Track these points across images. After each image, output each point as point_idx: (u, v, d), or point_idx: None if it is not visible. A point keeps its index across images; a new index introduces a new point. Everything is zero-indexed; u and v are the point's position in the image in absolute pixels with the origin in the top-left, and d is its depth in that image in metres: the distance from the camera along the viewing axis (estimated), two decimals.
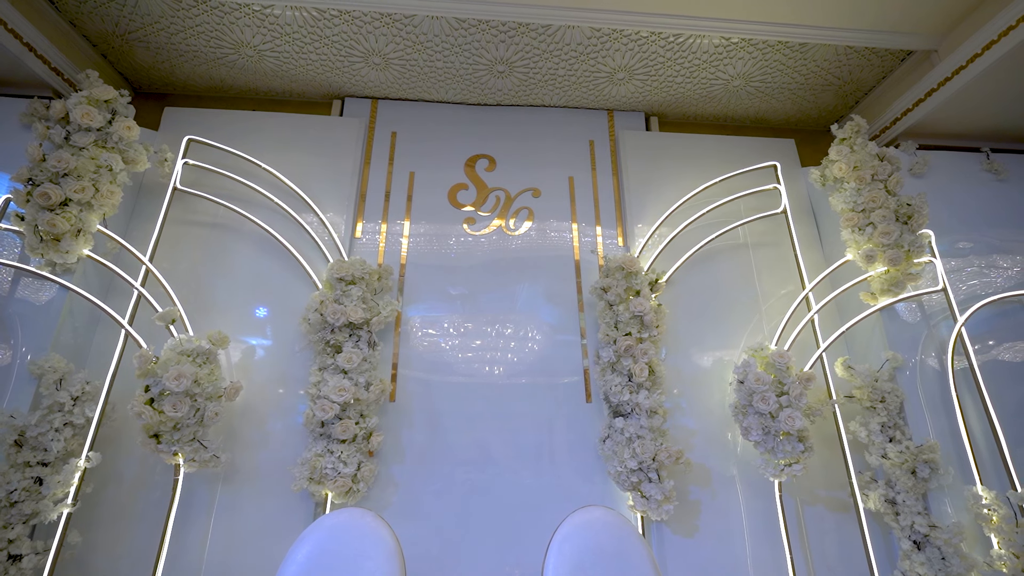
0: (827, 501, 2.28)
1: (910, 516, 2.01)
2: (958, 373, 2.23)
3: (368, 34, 2.53)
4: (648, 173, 2.89)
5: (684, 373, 2.50)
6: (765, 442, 2.09)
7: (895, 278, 2.27)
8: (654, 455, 2.09)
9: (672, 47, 2.60)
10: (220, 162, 2.57)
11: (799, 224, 2.79)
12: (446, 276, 2.63)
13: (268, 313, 2.43)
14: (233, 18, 2.45)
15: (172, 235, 2.47)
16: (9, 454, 1.81)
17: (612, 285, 2.41)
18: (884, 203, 2.32)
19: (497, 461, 2.29)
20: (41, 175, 2.07)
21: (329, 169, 2.74)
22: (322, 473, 2.02)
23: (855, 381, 2.27)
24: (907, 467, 2.04)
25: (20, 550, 1.75)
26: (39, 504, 1.80)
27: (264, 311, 2.43)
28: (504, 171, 2.89)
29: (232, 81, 2.89)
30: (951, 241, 2.54)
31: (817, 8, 2.38)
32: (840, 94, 2.96)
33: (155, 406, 1.88)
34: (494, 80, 2.83)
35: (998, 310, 2.38)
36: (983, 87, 2.45)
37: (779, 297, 2.67)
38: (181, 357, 1.96)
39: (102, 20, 2.48)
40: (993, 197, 2.65)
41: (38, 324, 2.07)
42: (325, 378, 2.16)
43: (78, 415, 1.94)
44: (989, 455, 2.11)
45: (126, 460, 2.10)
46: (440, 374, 2.44)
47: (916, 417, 2.20)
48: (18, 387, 1.98)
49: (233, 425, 2.20)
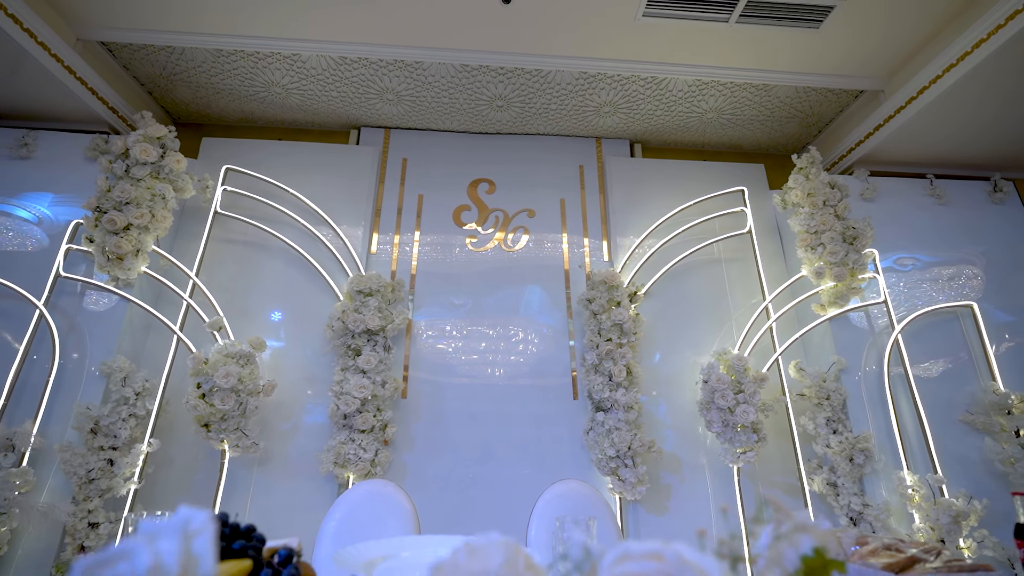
0: (782, 485, 2.62)
1: (847, 496, 2.36)
2: (896, 374, 2.57)
3: (383, 76, 2.89)
4: (632, 195, 3.24)
5: (662, 374, 2.84)
6: (724, 433, 2.43)
7: (840, 292, 2.62)
8: (629, 444, 2.44)
9: (650, 86, 2.95)
10: (252, 186, 2.92)
11: (766, 241, 3.13)
12: (451, 288, 2.98)
13: (295, 320, 2.78)
14: (266, 63, 2.81)
15: (211, 252, 2.83)
16: (87, 440, 2.17)
17: (596, 297, 2.76)
18: (832, 226, 2.67)
19: (494, 450, 2.64)
20: (107, 203, 2.43)
21: (347, 192, 3.10)
22: (345, 458, 2.37)
23: (805, 381, 2.61)
24: (846, 455, 2.38)
25: (97, 519, 2.11)
26: (112, 481, 2.15)
27: (291, 318, 2.79)
28: (503, 193, 3.25)
29: (261, 113, 3.25)
30: (896, 258, 2.88)
31: (777, 54, 2.72)
32: (804, 124, 3.30)
33: (207, 400, 2.24)
34: (494, 113, 3.19)
35: (933, 319, 2.72)
36: (922, 123, 2.80)
37: (747, 307, 3.01)
38: (227, 359, 2.32)
39: (152, 64, 2.84)
40: (935, 219, 2.99)
41: (103, 331, 2.43)
42: (347, 377, 2.51)
43: (140, 407, 2.30)
44: (918, 445, 2.45)
45: (178, 447, 2.46)
46: (445, 375, 2.79)
47: (857, 412, 2.55)
48: (88, 384, 2.34)
49: (267, 417, 2.55)
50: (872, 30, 2.53)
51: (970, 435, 2.50)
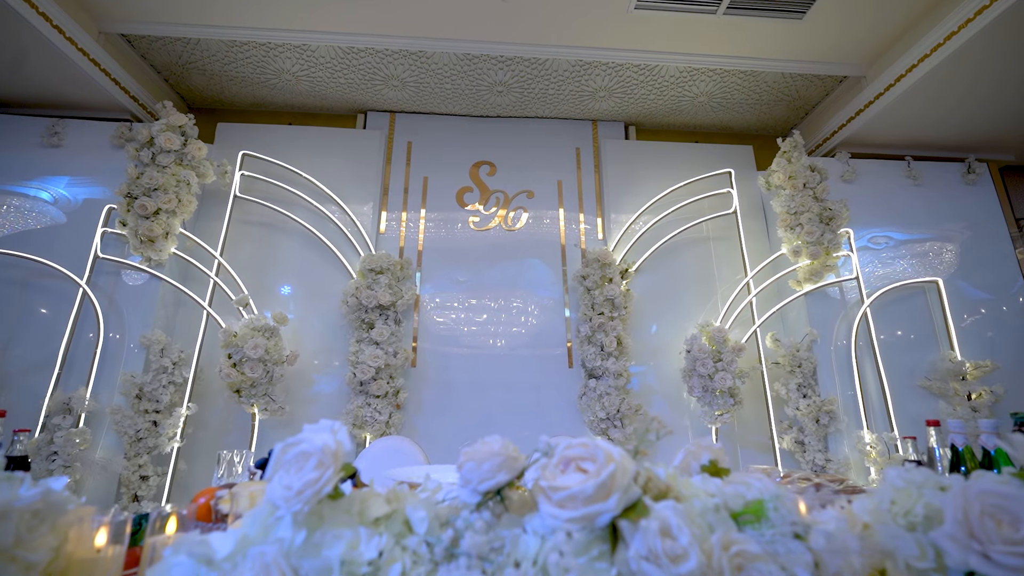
0: (756, 444, 2.90)
1: (812, 453, 2.63)
2: (864, 344, 2.81)
3: (388, 64, 3.03)
4: (626, 176, 3.42)
5: (651, 344, 3.08)
6: (704, 398, 2.69)
7: (815, 269, 2.83)
8: (618, 408, 2.70)
9: (644, 72, 3.09)
10: (267, 170, 3.11)
11: (753, 220, 3.33)
12: (455, 265, 3.19)
13: (309, 295, 3.01)
14: (276, 52, 2.95)
15: (231, 233, 3.03)
16: (134, 404, 2.43)
17: (590, 274, 2.98)
18: (811, 207, 2.86)
19: (496, 413, 2.91)
20: (136, 189, 2.63)
21: (356, 174, 3.28)
22: (363, 420, 2.64)
23: (780, 351, 2.86)
24: (812, 416, 2.65)
25: (147, 472, 2.39)
26: (157, 440, 2.43)
27: (306, 293, 3.01)
28: (503, 175, 3.42)
29: (272, 99, 3.40)
30: (872, 236, 3.08)
31: (764, 43, 2.85)
32: (791, 107, 3.44)
33: (238, 369, 2.49)
34: (494, 97, 3.33)
35: (902, 294, 2.94)
36: (901, 107, 2.95)
37: (732, 282, 3.22)
38: (254, 332, 2.56)
39: (168, 54, 2.99)
40: (911, 199, 3.18)
41: (140, 307, 2.67)
42: (362, 348, 2.76)
43: (177, 375, 2.55)
44: (880, 408, 2.71)
45: (211, 410, 2.73)
46: (451, 346, 3.04)
47: (826, 379, 2.80)
48: (129, 355, 2.59)
49: (290, 384, 2.81)
50: (853, 20, 2.66)
51: (927, 399, 2.76)
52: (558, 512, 0.47)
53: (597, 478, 0.47)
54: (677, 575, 0.43)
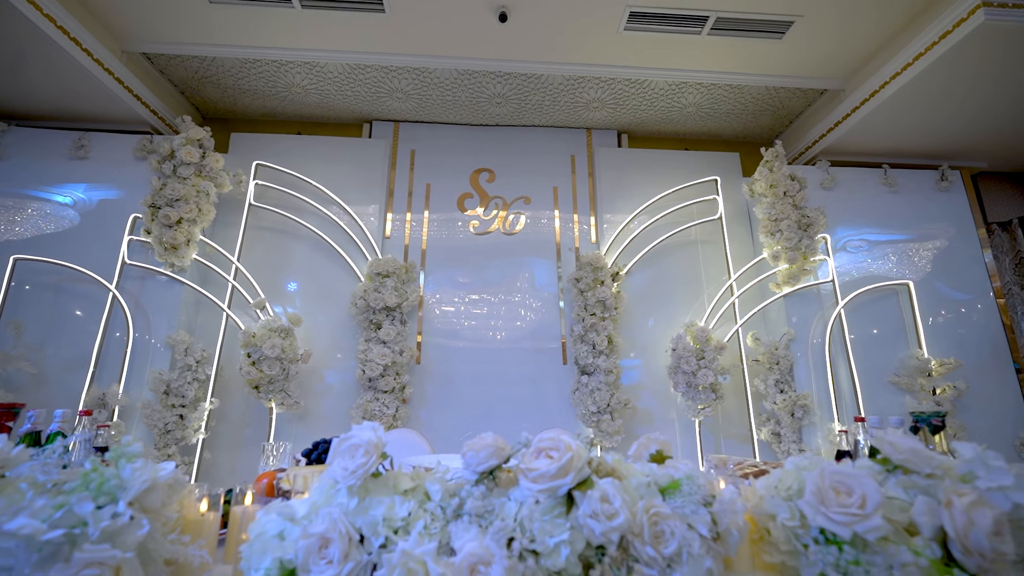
0: (737, 435, 3.11)
1: (787, 444, 2.85)
2: (838, 343, 3.01)
3: (393, 78, 3.21)
4: (618, 182, 3.60)
5: (640, 342, 3.29)
6: (688, 393, 2.90)
7: (793, 273, 3.03)
8: (608, 402, 2.91)
9: (635, 85, 3.27)
10: (278, 178, 3.30)
11: (738, 225, 3.52)
12: (457, 267, 3.39)
13: (319, 297, 3.21)
14: (287, 68, 3.13)
15: (247, 239, 3.23)
16: (161, 399, 2.65)
17: (583, 276, 3.18)
18: (790, 215, 3.05)
19: (495, 406, 3.13)
20: (160, 200, 2.83)
21: (362, 180, 3.47)
22: (371, 413, 2.86)
23: (760, 349, 3.06)
24: (788, 410, 2.86)
25: (175, 462, 2.61)
26: (184, 432, 2.65)
27: (316, 295, 3.22)
28: (502, 181, 3.61)
29: (282, 110, 3.58)
30: (848, 241, 3.27)
31: (748, 59, 3.02)
32: (776, 116, 3.62)
33: (257, 367, 2.70)
34: (493, 108, 3.51)
35: (876, 296, 3.14)
36: (877, 119, 3.12)
37: (718, 283, 3.42)
38: (271, 332, 2.77)
39: (184, 69, 3.16)
40: (887, 205, 3.36)
41: (164, 309, 2.87)
42: (370, 347, 2.97)
43: (201, 373, 2.77)
44: (851, 403, 2.92)
45: (232, 405, 2.95)
46: (453, 342, 3.24)
47: (802, 375, 3.01)
48: (155, 354, 2.81)
49: (304, 381, 3.02)
50: (830, 40, 2.83)
51: (896, 394, 2.96)
52: (532, 486, 0.68)
53: (559, 462, 0.68)
54: (610, 527, 0.64)
